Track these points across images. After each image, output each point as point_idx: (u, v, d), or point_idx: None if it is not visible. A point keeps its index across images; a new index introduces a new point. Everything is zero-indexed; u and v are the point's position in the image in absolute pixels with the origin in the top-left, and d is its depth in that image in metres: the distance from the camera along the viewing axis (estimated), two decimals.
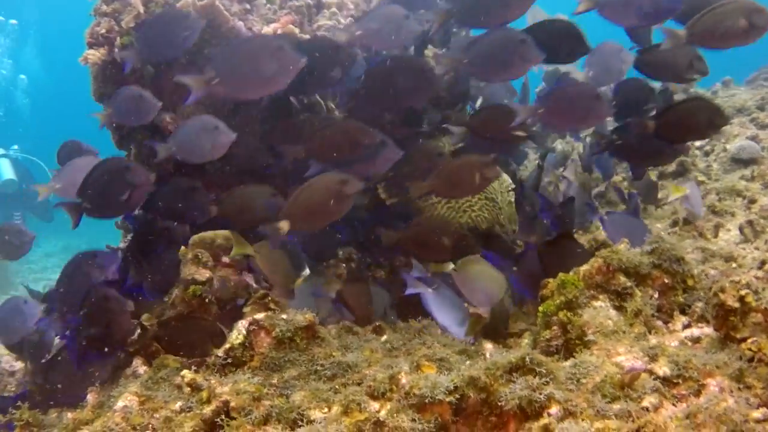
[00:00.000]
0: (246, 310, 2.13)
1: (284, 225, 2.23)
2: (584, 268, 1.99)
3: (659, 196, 3.50)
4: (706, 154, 4.25)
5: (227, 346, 1.91)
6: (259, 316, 1.96)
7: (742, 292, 1.62)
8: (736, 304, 1.62)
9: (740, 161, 3.98)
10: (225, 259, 2.45)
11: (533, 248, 2.46)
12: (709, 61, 3.87)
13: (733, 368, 1.50)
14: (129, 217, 2.89)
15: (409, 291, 2.29)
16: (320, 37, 2.82)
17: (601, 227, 2.71)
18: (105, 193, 2.43)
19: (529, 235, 2.81)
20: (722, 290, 1.65)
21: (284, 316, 1.95)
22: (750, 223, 2.80)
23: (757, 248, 2.54)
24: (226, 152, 2.46)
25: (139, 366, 2.22)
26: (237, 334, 1.93)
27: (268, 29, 2.74)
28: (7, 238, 3.50)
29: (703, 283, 1.99)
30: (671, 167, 4.07)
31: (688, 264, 1.99)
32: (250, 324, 1.94)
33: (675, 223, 3.09)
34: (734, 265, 2.19)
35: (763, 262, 2.13)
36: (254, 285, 2.41)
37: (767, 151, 4.07)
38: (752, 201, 3.32)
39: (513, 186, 3.21)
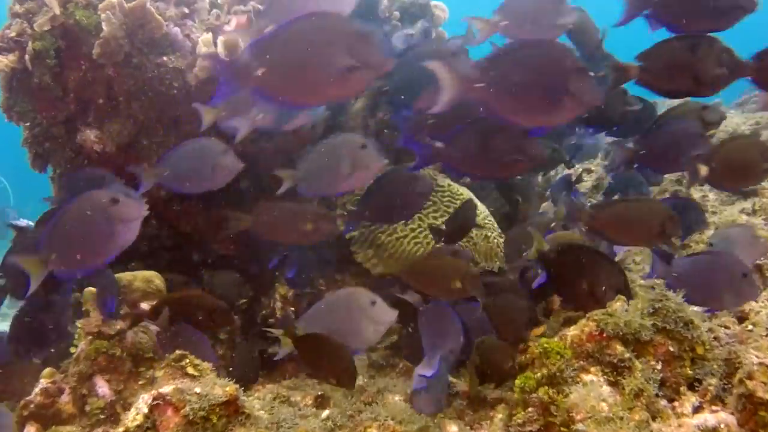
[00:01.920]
0: (158, 375, 1.73)
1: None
2: (573, 332, 1.62)
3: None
4: (701, 183, 3.90)
5: (121, 430, 1.51)
6: (167, 389, 1.56)
7: None
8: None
9: (739, 192, 3.64)
10: (144, 306, 2.06)
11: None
12: None
13: None
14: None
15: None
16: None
17: None
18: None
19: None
20: (750, 377, 1.29)
21: (198, 390, 1.56)
22: (759, 268, 2.46)
23: None
24: None
25: None
26: (135, 413, 1.53)
27: (207, 36, 2.36)
28: None
29: (716, 353, 1.63)
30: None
31: (697, 328, 1.63)
32: (154, 399, 1.54)
33: None
34: (749, 326, 1.84)
35: None
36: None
37: None
38: None
39: (489, 219, 2.85)
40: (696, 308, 1.79)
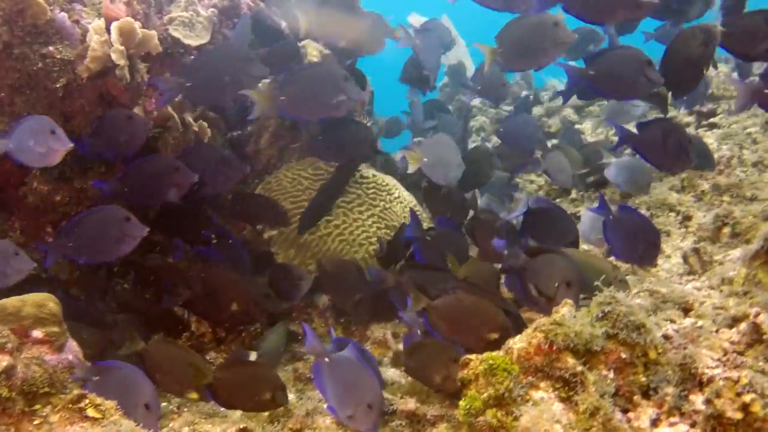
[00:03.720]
0: (53, 419, 1.51)
1: None
2: (519, 345, 1.48)
3: None
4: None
5: None
6: None
7: (746, 399, 1.15)
8: (739, 415, 1.15)
9: None
10: (37, 334, 1.81)
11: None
12: None
13: None
14: None
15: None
16: None
17: None
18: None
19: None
20: (718, 395, 1.18)
21: None
22: (696, 251, 2.40)
23: (711, 287, 2.12)
24: None
25: None
26: None
27: (99, 23, 2.10)
28: None
29: (669, 356, 1.52)
30: (593, 177, 3.68)
31: (649, 332, 1.52)
32: None
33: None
34: (697, 321, 1.75)
35: (734, 319, 1.70)
36: (79, 368, 1.78)
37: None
38: (687, 217, 2.94)
39: (419, 208, 2.70)
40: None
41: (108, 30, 2.10)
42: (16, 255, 2.00)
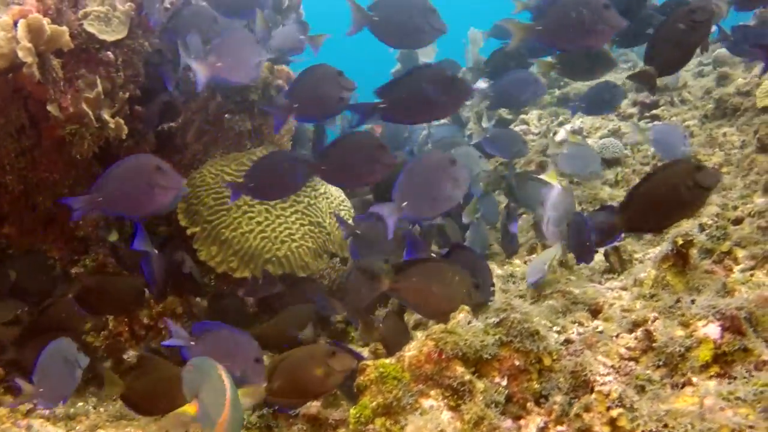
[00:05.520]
0: None
1: None
2: (411, 353, 1.48)
3: None
4: None
5: None
6: None
7: (613, 413, 1.16)
8: (606, 429, 1.16)
9: (603, 161, 3.63)
10: None
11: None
12: None
13: None
14: None
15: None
16: None
17: None
18: None
19: None
20: (587, 408, 1.18)
21: None
22: (616, 249, 2.41)
23: (624, 288, 2.14)
24: None
25: None
26: None
27: (5, 19, 2.03)
28: None
29: (563, 363, 1.53)
30: (532, 166, 3.70)
31: (543, 339, 1.52)
32: None
33: (532, 250, 2.67)
34: (599, 326, 1.76)
35: (635, 324, 1.71)
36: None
37: (631, 148, 3.75)
38: None
39: (347, 204, 2.68)
40: None
41: (15, 26, 2.03)
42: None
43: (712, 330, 1.46)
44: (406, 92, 2.05)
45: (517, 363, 1.50)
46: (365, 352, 2.18)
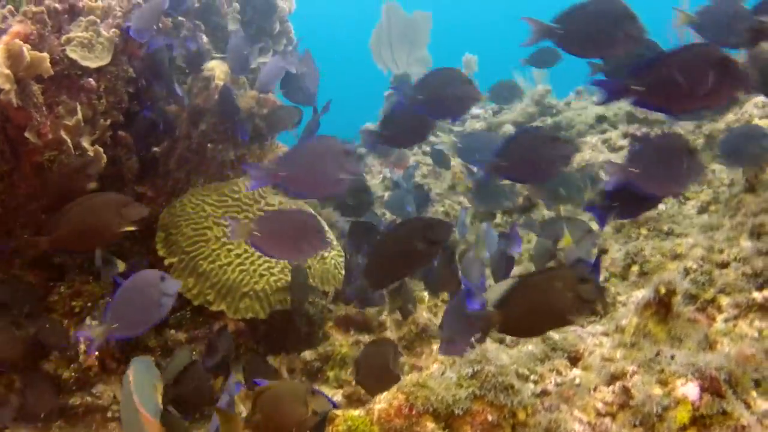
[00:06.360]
0: None
1: None
2: (381, 406, 1.44)
3: None
4: None
5: None
6: None
7: None
8: None
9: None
10: None
11: None
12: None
13: None
14: None
15: None
16: None
17: None
18: None
19: None
20: None
21: None
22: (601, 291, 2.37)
23: (606, 334, 2.10)
24: None
25: None
26: None
27: None
28: None
29: (537, 418, 1.49)
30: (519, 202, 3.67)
31: (518, 393, 1.48)
32: None
33: None
34: (577, 377, 1.72)
35: (613, 377, 1.67)
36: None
37: None
38: (603, 251, 2.93)
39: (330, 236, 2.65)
40: None
41: None
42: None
43: (690, 390, 1.42)
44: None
45: (489, 418, 1.46)
46: (338, 395, 2.14)
